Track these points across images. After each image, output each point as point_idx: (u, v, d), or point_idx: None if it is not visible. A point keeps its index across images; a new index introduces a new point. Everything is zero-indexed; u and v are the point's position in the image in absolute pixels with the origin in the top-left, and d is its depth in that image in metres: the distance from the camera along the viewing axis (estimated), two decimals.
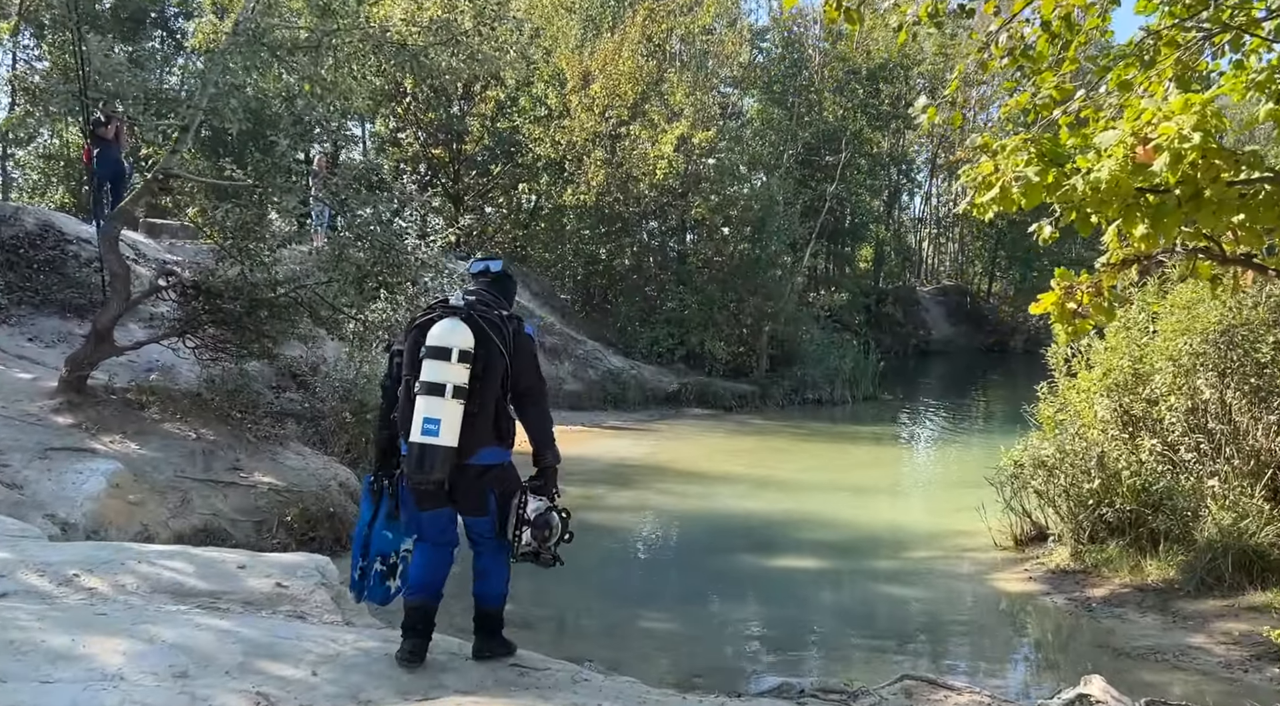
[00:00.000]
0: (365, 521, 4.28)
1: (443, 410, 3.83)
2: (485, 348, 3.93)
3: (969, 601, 8.18)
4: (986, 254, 40.77)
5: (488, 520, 4.06)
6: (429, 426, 3.82)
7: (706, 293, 21.02)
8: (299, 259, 10.40)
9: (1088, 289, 4.25)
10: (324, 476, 9.67)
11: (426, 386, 3.85)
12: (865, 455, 15.89)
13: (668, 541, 10.11)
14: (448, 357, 3.85)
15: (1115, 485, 8.11)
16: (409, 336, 4.10)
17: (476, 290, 4.18)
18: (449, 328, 3.91)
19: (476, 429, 3.93)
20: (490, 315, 4.01)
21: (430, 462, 3.85)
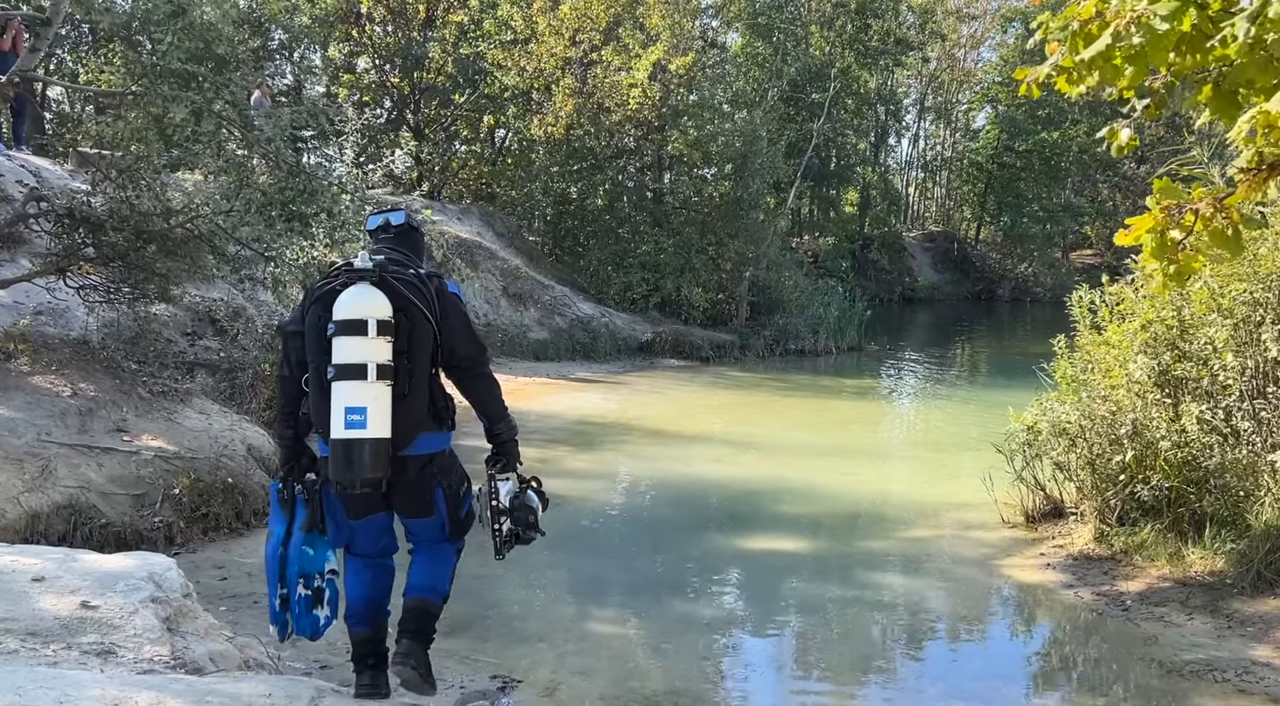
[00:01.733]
0: (279, 539, 3.50)
1: (367, 395, 3.14)
2: (407, 315, 3.24)
3: (976, 596, 6.93)
4: (975, 199, 39.42)
5: (435, 519, 3.45)
6: (353, 418, 3.14)
7: (684, 235, 19.60)
8: (203, 188, 8.95)
9: (1206, 206, 2.89)
10: (227, 439, 8.30)
11: (343, 369, 3.16)
12: (851, 412, 14.64)
13: (634, 516, 8.81)
14: (363, 331, 3.16)
15: (1151, 458, 6.84)
16: (307, 311, 3.34)
17: (380, 249, 3.46)
18: (359, 295, 3.20)
19: (410, 413, 3.25)
20: (405, 275, 3.30)
21: (360, 460, 3.15)
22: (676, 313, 19.28)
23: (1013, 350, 23.82)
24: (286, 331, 3.50)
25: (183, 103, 7.30)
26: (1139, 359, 6.86)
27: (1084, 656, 5.81)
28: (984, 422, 13.29)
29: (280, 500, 3.54)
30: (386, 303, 3.22)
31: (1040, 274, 37.73)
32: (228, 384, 10.00)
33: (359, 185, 8.34)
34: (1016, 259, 38.12)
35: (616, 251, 20.02)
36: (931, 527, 8.38)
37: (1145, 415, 6.86)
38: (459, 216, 19.45)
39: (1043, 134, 36.43)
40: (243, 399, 9.92)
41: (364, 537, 3.49)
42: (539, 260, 20.27)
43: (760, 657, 5.88)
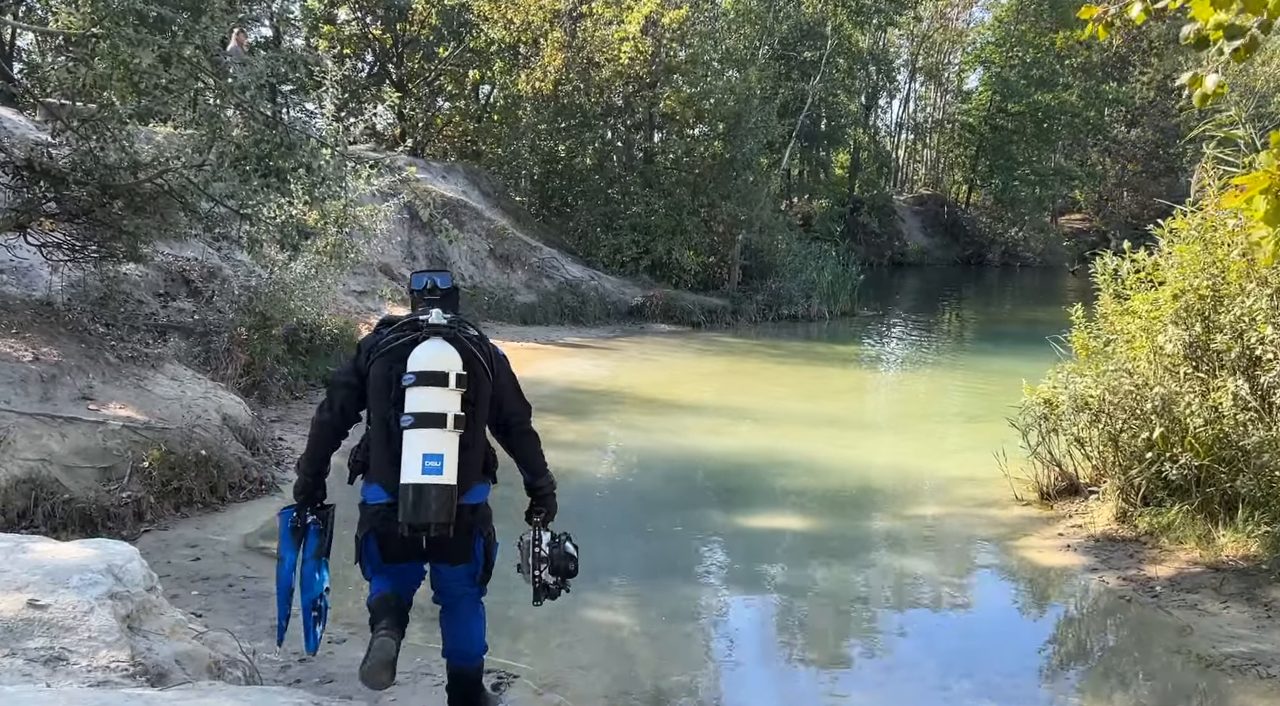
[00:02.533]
0: (290, 565, 3.67)
1: (445, 443, 3.29)
2: (472, 371, 3.42)
3: (995, 581, 6.58)
4: (967, 162, 38.95)
5: (470, 567, 3.56)
6: (431, 464, 3.25)
7: (675, 196, 19.07)
8: (174, 140, 8.40)
9: None
10: (201, 408, 7.84)
11: (423, 417, 3.29)
12: (847, 380, 14.28)
13: (630, 491, 8.40)
14: (445, 382, 3.33)
15: (1180, 435, 6.49)
16: (369, 363, 3.46)
17: (440, 306, 3.57)
18: (438, 349, 3.37)
19: (470, 462, 3.41)
20: (469, 334, 3.50)
21: (431, 505, 3.25)
22: (667, 276, 18.82)
23: (1005, 317, 23.59)
24: (338, 381, 3.60)
25: (150, 47, 6.74)
26: (1169, 330, 6.47)
27: (1116, 648, 5.46)
28: (982, 392, 13.00)
29: (292, 528, 3.63)
30: (459, 359, 3.38)
31: (1030, 238, 37.42)
32: (202, 348, 9.52)
33: (340, 140, 7.79)
34: (1007, 223, 37.74)
35: (606, 212, 19.49)
36: (942, 504, 8.03)
37: (1175, 390, 6.49)
38: (443, 175, 18.86)
39: (1036, 96, 35.91)
40: (218, 364, 9.44)
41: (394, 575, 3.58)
42: (526, 221, 19.73)
43: (769, 649, 5.51)
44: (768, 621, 5.90)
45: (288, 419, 9.88)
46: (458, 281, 3.94)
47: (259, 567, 6.27)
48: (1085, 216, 45.76)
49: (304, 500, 3.64)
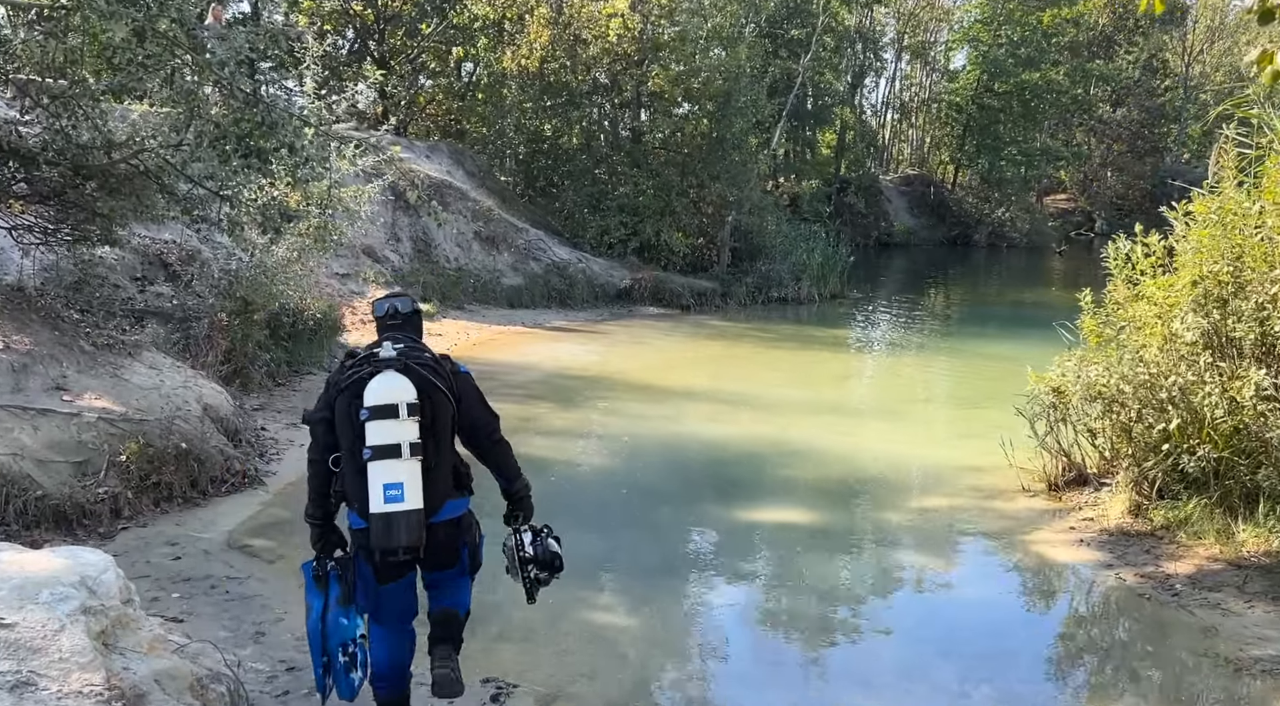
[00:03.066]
0: (318, 613, 3.73)
1: (403, 472, 3.45)
2: (430, 396, 3.56)
3: (1008, 577, 6.36)
4: (954, 141, 38.72)
5: (457, 569, 3.80)
6: (391, 493, 3.44)
7: (663, 177, 18.74)
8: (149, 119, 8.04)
9: None
10: (181, 398, 7.53)
11: (378, 450, 3.45)
12: (842, 365, 14.09)
13: (627, 484, 8.11)
14: (395, 415, 3.47)
15: (1197, 426, 6.28)
16: (335, 399, 3.59)
17: (396, 335, 3.71)
18: (388, 382, 3.50)
19: (437, 483, 3.59)
20: (424, 360, 3.63)
21: (399, 531, 3.44)
22: (656, 258, 18.52)
23: (993, 298, 23.46)
24: (314, 419, 3.65)
25: (123, 20, 6.38)
26: (1189, 318, 6.25)
27: (1138, 651, 5.25)
28: (976, 377, 12.83)
29: (315, 577, 3.73)
30: (412, 387, 3.49)
31: (1017, 219, 37.28)
32: (181, 335, 9.18)
33: (324, 118, 7.46)
34: (994, 203, 37.57)
35: (593, 193, 19.16)
36: (947, 495, 7.81)
37: (1192, 379, 6.28)
38: (427, 154, 18.48)
39: (1023, 75, 35.67)
40: (198, 351, 9.11)
41: (390, 600, 3.70)
42: (511, 201, 19.38)
43: (778, 654, 5.26)
44: (776, 623, 5.67)
45: (270, 407, 9.58)
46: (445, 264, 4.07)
47: (243, 567, 6.01)
48: (1070, 196, 45.71)
49: (321, 548, 3.75)
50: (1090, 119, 43.55)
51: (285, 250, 10.41)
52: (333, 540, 3.76)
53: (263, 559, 6.19)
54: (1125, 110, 44.73)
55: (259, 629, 5.17)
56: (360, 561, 3.67)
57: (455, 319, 15.39)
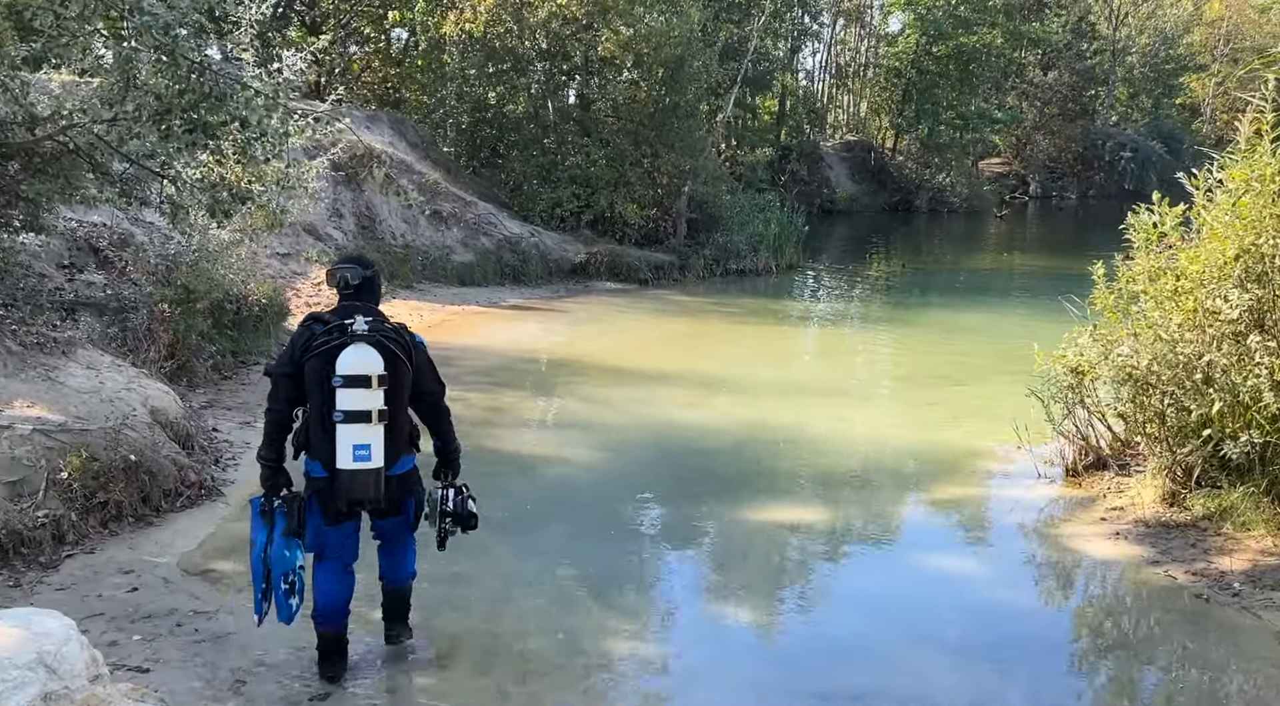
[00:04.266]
0: (261, 544, 4.14)
1: (371, 435, 3.95)
2: (393, 366, 4.01)
3: (1047, 578, 5.92)
4: (893, 106, 38.51)
5: (402, 518, 4.31)
6: (360, 453, 3.93)
7: (616, 146, 18.04)
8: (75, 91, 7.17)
9: None
10: (125, 402, 6.75)
11: (350, 415, 3.92)
12: (811, 341, 13.68)
13: (611, 481, 7.42)
14: (369, 385, 3.93)
15: (1241, 410, 5.92)
16: (304, 360, 4.00)
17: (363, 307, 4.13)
18: (361, 355, 3.94)
19: (395, 442, 4.08)
20: (387, 332, 4.06)
21: (367, 488, 3.97)
22: (610, 231, 17.87)
23: (949, 266, 23.27)
24: (277, 373, 4.05)
25: None
26: (1233, 295, 5.86)
27: (1210, 662, 4.78)
28: (952, 351, 12.51)
29: (261, 512, 4.12)
30: (380, 359, 3.95)
31: (957, 183, 37.28)
32: (118, 328, 8.35)
33: (281, 89, 6.70)
34: (934, 168, 37.51)
35: (542, 164, 18.39)
36: (959, 484, 7.41)
37: (1233, 360, 5.91)
38: (366, 124, 17.51)
39: (961, 38, 35.53)
40: (138, 346, 8.29)
41: (335, 542, 4.18)
42: (457, 174, 18.53)
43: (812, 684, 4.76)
44: (795, 647, 5.14)
45: (219, 404, 8.81)
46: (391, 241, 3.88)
47: (210, 598, 5.32)
48: (1005, 160, 45.98)
49: (270, 488, 4.13)
50: (1022, 82, 43.78)
51: (228, 233, 9.59)
52: (281, 481, 4.14)
53: (231, 587, 5.50)
54: (1056, 73, 45.04)
55: (238, 676, 4.52)
56: (313, 504, 4.11)
57: (405, 299, 14.60)
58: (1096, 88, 46.84)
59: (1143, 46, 49.67)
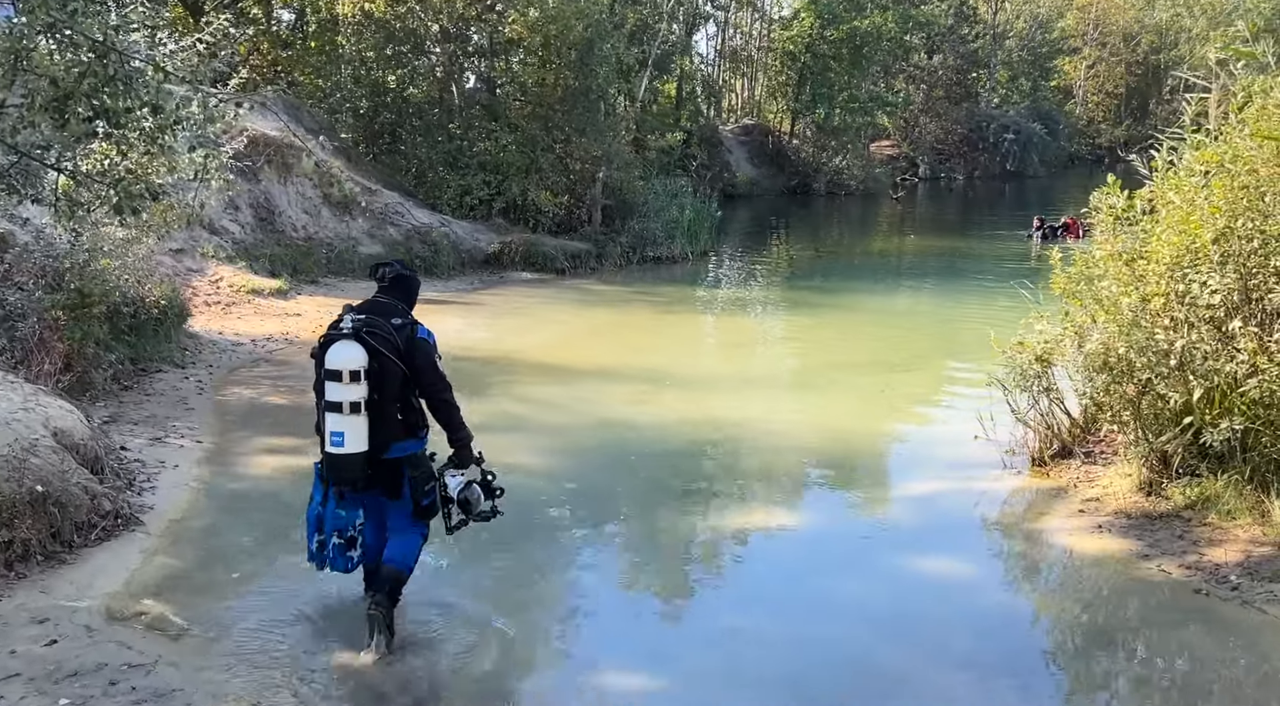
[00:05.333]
0: (318, 501, 4.55)
1: (344, 424, 4.28)
2: (378, 361, 4.28)
3: (1034, 579, 5.73)
4: (790, 90, 38.64)
5: (404, 503, 4.55)
6: (335, 439, 4.30)
7: (526, 132, 17.45)
8: None
9: None
10: (24, 425, 6.00)
11: (329, 405, 4.30)
12: (740, 330, 13.45)
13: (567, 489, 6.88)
14: (341, 379, 4.25)
15: (1218, 396, 5.83)
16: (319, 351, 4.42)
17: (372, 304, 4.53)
18: (340, 351, 4.28)
19: (383, 431, 4.35)
20: (380, 330, 4.33)
21: (345, 469, 4.35)
22: (523, 219, 17.28)
23: (857, 250, 23.38)
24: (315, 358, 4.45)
25: None
26: (1212, 279, 5.75)
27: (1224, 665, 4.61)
28: (883, 337, 12.44)
29: (320, 474, 4.50)
30: (362, 354, 4.24)
31: (853, 166, 37.66)
32: (6, 339, 7.50)
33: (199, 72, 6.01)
34: (831, 152, 37.81)
35: (449, 150, 17.67)
36: (927, 478, 7.18)
37: (1216, 346, 5.81)
38: (259, 110, 16.52)
39: (855, 21, 35.84)
40: (29, 358, 7.48)
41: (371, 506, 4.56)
42: (358, 161, 17.68)
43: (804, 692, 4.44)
44: (803, 668, 4.80)
45: (124, 418, 8.04)
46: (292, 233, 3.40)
47: (144, 647, 4.69)
48: (894, 143, 46.74)
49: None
50: (909, 66, 44.57)
51: (123, 230, 8.76)
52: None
53: (166, 632, 4.89)
54: (941, 57, 45.97)
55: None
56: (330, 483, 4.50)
57: (312, 295, 13.80)
58: (979, 71, 48.02)
59: (1020, 31, 51.21)
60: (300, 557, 4.83)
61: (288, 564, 5.50)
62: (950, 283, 17.40)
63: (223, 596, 5.20)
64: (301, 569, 5.38)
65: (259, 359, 10.53)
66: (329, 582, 5.18)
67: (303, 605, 5.06)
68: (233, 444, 7.74)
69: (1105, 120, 57.69)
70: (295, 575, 5.35)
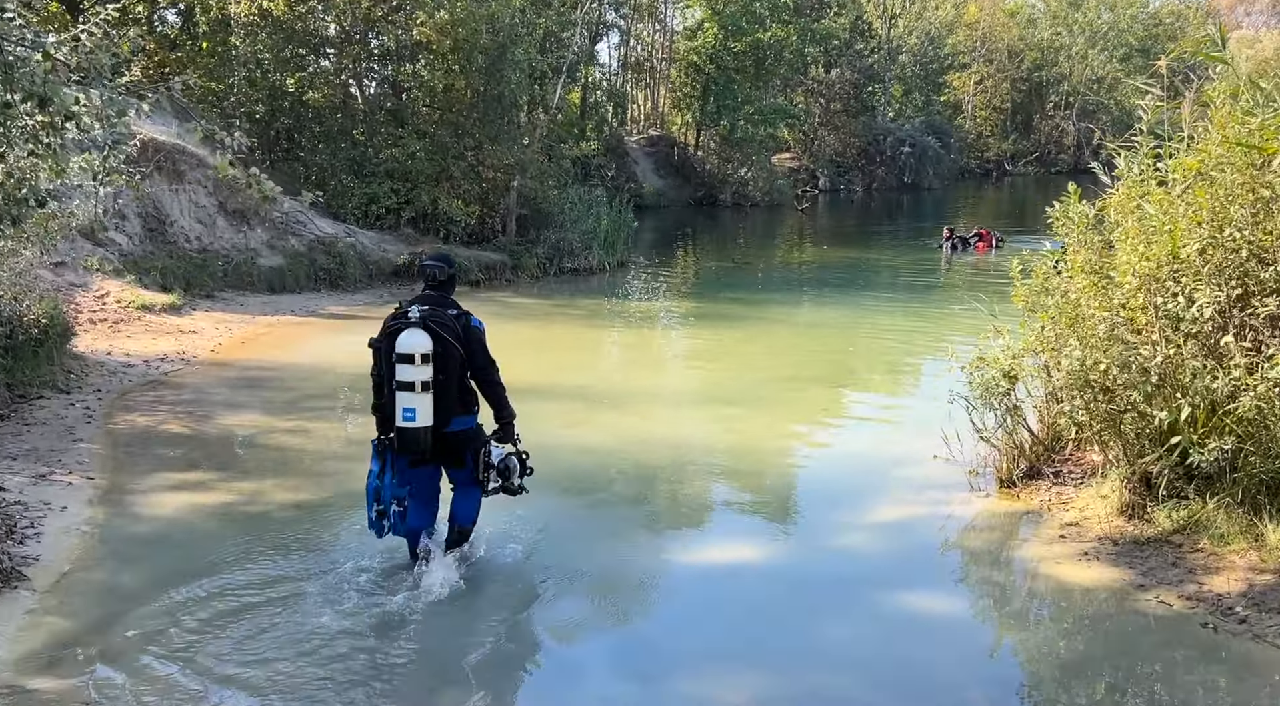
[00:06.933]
0: (376, 473, 5.11)
1: (415, 401, 4.90)
2: (442, 346, 4.93)
3: (1026, 614, 5.33)
4: (695, 101, 38.53)
5: (466, 470, 5.23)
6: (408, 414, 4.91)
7: (436, 138, 16.70)
8: None
9: None
10: None
11: (401, 384, 4.90)
12: (674, 344, 12.99)
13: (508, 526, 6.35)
14: (412, 362, 4.86)
15: (1205, 413, 5.58)
16: (383, 339, 5.04)
17: (427, 297, 5.12)
18: (411, 337, 4.89)
19: (446, 407, 5.01)
20: (442, 318, 4.99)
21: (416, 441, 4.97)
22: (434, 230, 16.51)
23: (776, 259, 23.24)
24: (373, 347, 5.12)
25: None
26: (1201, 293, 5.49)
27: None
28: (812, 350, 12.16)
29: (379, 448, 5.14)
30: (429, 340, 4.91)
31: (758, 178, 37.72)
32: None
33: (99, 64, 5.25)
34: (736, 163, 37.81)
35: (353, 157, 16.80)
36: (890, 502, 6.79)
37: (1214, 360, 5.55)
38: (148, 113, 15.38)
39: (758, 34, 35.93)
40: None
41: (419, 484, 5.25)
42: (254, 167, 16.62)
43: None
44: None
45: (1, 453, 7.13)
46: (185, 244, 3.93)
47: None
48: (794, 156, 47.15)
49: (382, 430, 5.14)
50: (809, 80, 45.04)
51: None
52: (387, 426, 5.05)
53: None
54: (838, 71, 46.62)
55: None
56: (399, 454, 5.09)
57: (208, 311, 12.85)
58: (874, 85, 48.84)
59: (912, 47, 52.31)
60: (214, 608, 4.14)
61: (197, 620, 4.79)
62: (872, 293, 17.30)
63: (123, 661, 4.47)
64: (213, 626, 4.71)
65: (153, 381, 9.62)
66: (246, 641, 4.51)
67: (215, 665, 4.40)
68: (129, 479, 6.91)
69: (993, 134, 59.40)
70: (206, 631, 4.67)
